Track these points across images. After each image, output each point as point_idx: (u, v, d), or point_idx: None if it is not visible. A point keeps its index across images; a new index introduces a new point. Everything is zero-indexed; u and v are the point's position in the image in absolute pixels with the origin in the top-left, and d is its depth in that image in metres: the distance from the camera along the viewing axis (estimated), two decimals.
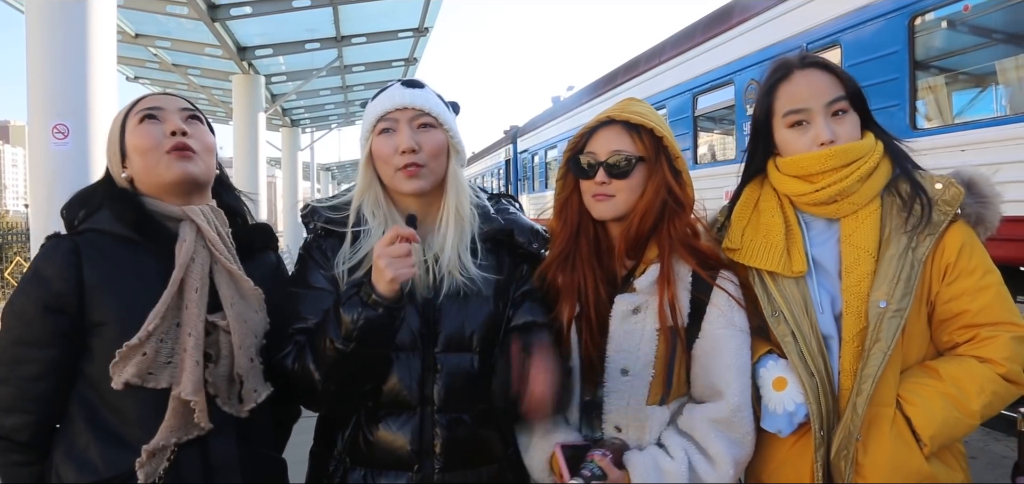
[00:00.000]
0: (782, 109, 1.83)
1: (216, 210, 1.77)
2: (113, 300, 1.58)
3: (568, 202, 1.87)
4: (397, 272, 1.53)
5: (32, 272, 1.62)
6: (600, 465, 1.63)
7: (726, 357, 1.72)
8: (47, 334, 1.58)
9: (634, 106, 1.81)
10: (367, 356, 1.62)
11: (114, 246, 1.63)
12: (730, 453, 1.69)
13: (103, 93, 5.57)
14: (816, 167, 1.76)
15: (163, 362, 1.57)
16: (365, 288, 1.58)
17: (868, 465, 1.67)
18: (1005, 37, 6.05)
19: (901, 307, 1.66)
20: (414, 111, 1.76)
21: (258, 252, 1.87)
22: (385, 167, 1.77)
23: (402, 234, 1.55)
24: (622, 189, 1.77)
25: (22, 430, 1.59)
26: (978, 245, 1.73)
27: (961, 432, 1.68)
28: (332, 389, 1.65)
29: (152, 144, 1.68)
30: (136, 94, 5.30)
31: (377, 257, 1.55)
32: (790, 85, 1.83)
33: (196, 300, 1.62)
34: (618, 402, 1.75)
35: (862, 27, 6.93)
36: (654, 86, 11.44)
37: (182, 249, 1.63)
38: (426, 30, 12.37)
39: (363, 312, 1.55)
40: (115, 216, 1.65)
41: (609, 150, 1.78)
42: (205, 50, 12.22)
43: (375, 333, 1.58)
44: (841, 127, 1.77)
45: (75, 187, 5.10)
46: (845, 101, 1.79)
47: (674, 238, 1.77)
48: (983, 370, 1.65)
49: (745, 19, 8.99)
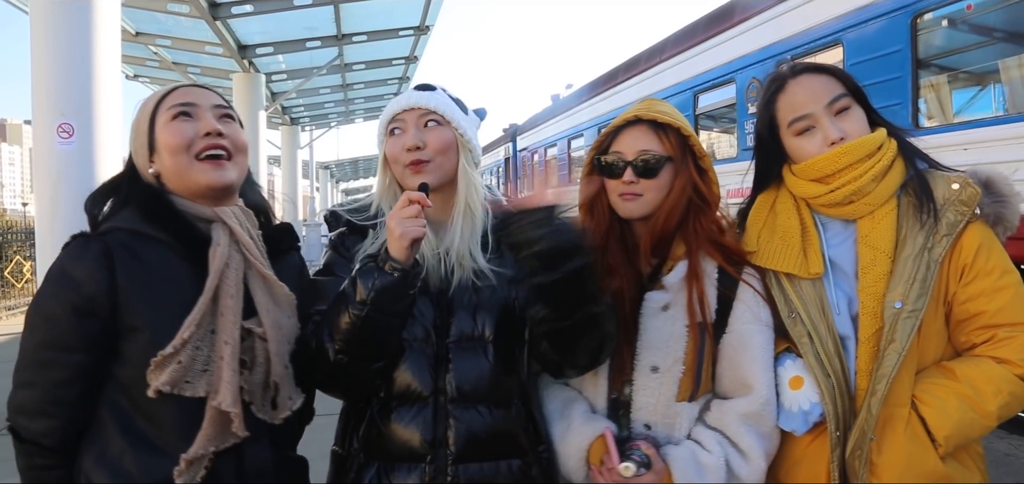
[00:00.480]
0: (785, 120, 1.85)
1: (246, 211, 1.73)
2: (148, 305, 1.54)
3: (596, 200, 1.88)
4: (406, 229, 1.56)
5: (58, 273, 1.56)
6: (646, 453, 1.66)
7: (754, 352, 1.74)
8: (77, 338, 1.53)
9: (658, 105, 1.83)
10: (381, 325, 1.63)
11: (145, 247, 1.58)
12: (761, 447, 1.71)
13: (107, 92, 5.58)
14: (829, 167, 1.77)
15: (199, 370, 1.53)
16: (380, 255, 1.61)
17: (883, 465, 1.68)
18: (1007, 36, 6.08)
19: (916, 308, 1.66)
20: (421, 111, 1.80)
21: (284, 253, 1.84)
22: (396, 167, 1.82)
23: (412, 198, 1.59)
24: (649, 188, 1.78)
25: (49, 435, 1.55)
26: (996, 245, 1.73)
27: (977, 433, 1.69)
28: (344, 360, 1.65)
29: (184, 143, 1.63)
30: (136, 94, 5.28)
31: (389, 221, 1.59)
32: (786, 95, 1.84)
33: (232, 307, 1.58)
34: (648, 399, 1.76)
35: (864, 26, 6.95)
36: (655, 84, 11.44)
37: (217, 254, 1.59)
38: (427, 28, 12.39)
39: (379, 276, 1.58)
40: (145, 216, 1.60)
41: (636, 150, 1.79)
42: (205, 48, 12.24)
43: (389, 297, 1.60)
44: (848, 123, 1.78)
45: (80, 186, 5.11)
46: (846, 97, 1.80)
47: (701, 235, 1.79)
48: (1000, 371, 1.65)
49: (746, 18, 9.00)
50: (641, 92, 11.80)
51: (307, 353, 1.70)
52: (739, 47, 9.15)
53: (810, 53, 7.72)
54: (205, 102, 1.69)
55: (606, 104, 13.31)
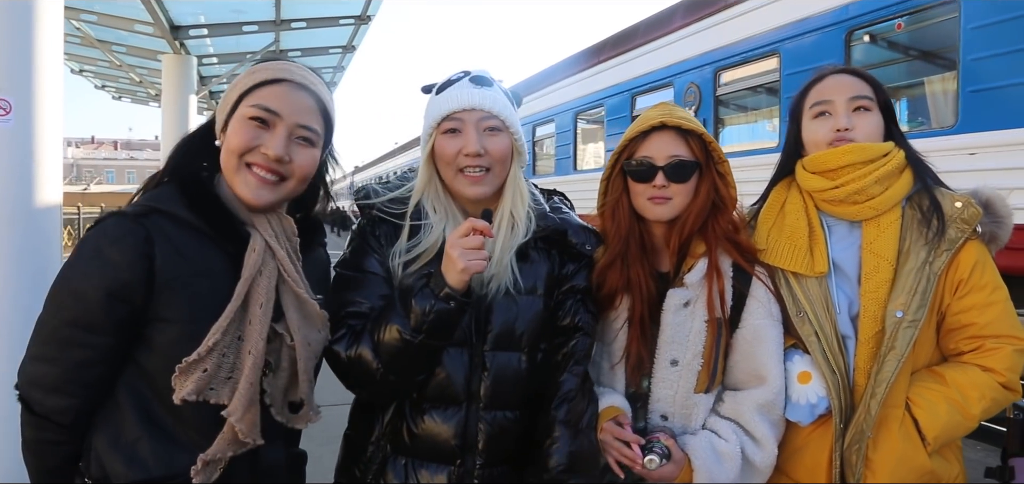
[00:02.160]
0: (809, 103, 1.99)
1: (285, 219, 1.66)
2: (184, 299, 1.51)
3: (619, 204, 1.94)
4: (468, 263, 1.57)
5: (93, 252, 1.50)
6: (666, 445, 1.75)
7: (768, 345, 1.86)
8: (107, 321, 1.49)
9: (679, 112, 1.91)
10: (431, 348, 1.65)
11: (183, 235, 1.54)
12: (773, 434, 1.84)
13: (48, 68, 5.33)
14: (834, 162, 1.90)
15: (224, 377, 1.52)
16: (435, 279, 1.60)
17: (878, 460, 1.83)
18: (928, 53, 6.49)
19: (916, 318, 1.81)
20: (482, 113, 1.76)
21: (311, 248, 1.78)
22: (447, 168, 1.78)
23: (477, 227, 1.59)
24: (679, 192, 1.86)
25: (65, 413, 1.51)
26: (990, 263, 1.89)
27: (961, 433, 1.87)
28: (391, 379, 1.67)
29: (243, 149, 1.58)
30: None
31: (449, 248, 1.58)
32: (821, 85, 2.00)
33: (260, 316, 1.55)
34: (666, 391, 1.86)
35: (801, 38, 7.27)
36: (593, 84, 11.49)
37: (251, 260, 1.56)
38: (368, 18, 12.21)
39: (435, 304, 1.58)
40: (188, 203, 1.56)
41: (667, 155, 1.86)
42: (135, 26, 11.77)
43: (444, 325, 1.62)
44: (860, 121, 1.92)
45: (16, 165, 4.82)
46: (869, 100, 1.93)
47: (719, 234, 1.89)
48: (985, 378, 1.82)
49: (686, 24, 9.24)
50: (578, 92, 11.94)
51: (334, 359, 1.71)
52: (679, 52, 9.34)
53: (748, 61, 8.03)
54: (290, 117, 1.60)
55: (543, 102, 13.28)
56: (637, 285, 1.87)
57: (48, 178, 4.44)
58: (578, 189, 10.96)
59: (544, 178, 12.73)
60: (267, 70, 1.62)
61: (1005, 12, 5.35)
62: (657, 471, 1.73)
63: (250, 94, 1.61)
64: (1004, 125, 5.36)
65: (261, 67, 1.64)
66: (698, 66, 8.89)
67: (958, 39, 5.68)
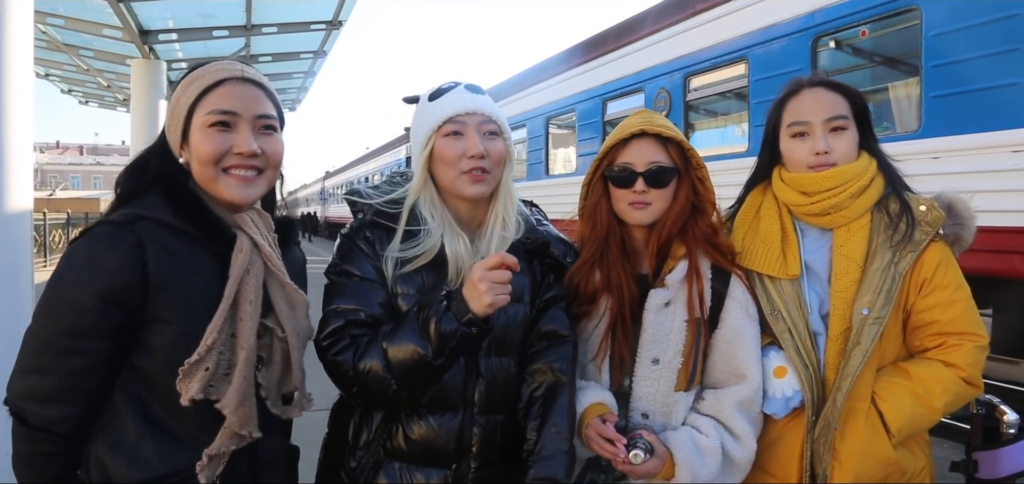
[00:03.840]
0: (787, 120, 2.05)
1: (263, 215, 1.72)
2: (179, 300, 1.54)
3: (597, 208, 2.00)
4: (496, 298, 1.60)
5: (85, 260, 1.51)
6: (649, 440, 1.80)
7: (747, 344, 1.93)
8: (103, 326, 1.50)
9: (658, 120, 1.97)
10: (447, 368, 1.69)
11: (173, 240, 1.56)
12: (752, 429, 1.91)
13: (17, 74, 5.24)
14: (813, 187, 1.98)
15: (222, 374, 1.56)
16: (457, 304, 1.62)
17: (844, 451, 1.91)
18: (891, 59, 6.65)
19: (881, 316, 1.89)
20: (482, 117, 1.82)
21: (288, 246, 1.83)
22: (448, 169, 1.81)
23: (506, 262, 1.62)
24: (658, 197, 1.92)
25: (64, 422, 1.51)
26: (953, 263, 1.98)
27: (925, 425, 1.96)
28: (404, 395, 1.70)
29: (216, 156, 1.60)
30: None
31: (478, 280, 1.60)
32: (797, 100, 2.05)
33: (250, 313, 1.59)
34: (647, 390, 1.92)
35: (769, 44, 7.40)
36: (563, 90, 11.57)
37: (239, 259, 1.59)
38: (340, 23, 12.18)
39: (459, 329, 1.61)
40: (175, 210, 1.58)
41: (646, 162, 1.92)
42: (103, 31, 11.61)
43: (464, 349, 1.67)
44: (838, 142, 1.99)
45: None
46: (845, 119, 2.00)
47: (699, 237, 1.95)
48: (948, 373, 1.91)
49: (656, 30, 9.34)
50: (549, 97, 11.99)
51: (337, 370, 1.72)
52: (649, 58, 9.43)
53: (718, 67, 8.15)
54: (248, 111, 1.63)
55: (515, 107, 13.31)
56: (617, 286, 1.93)
57: (18, 184, 4.37)
58: (550, 194, 11.03)
59: (517, 183, 12.57)
60: (207, 76, 1.63)
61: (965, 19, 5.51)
62: (640, 466, 1.77)
63: (200, 103, 1.62)
64: (967, 130, 5.51)
65: (198, 74, 1.65)
66: (668, 72, 9.00)
67: (920, 46, 5.82)
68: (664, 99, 9.03)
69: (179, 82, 1.69)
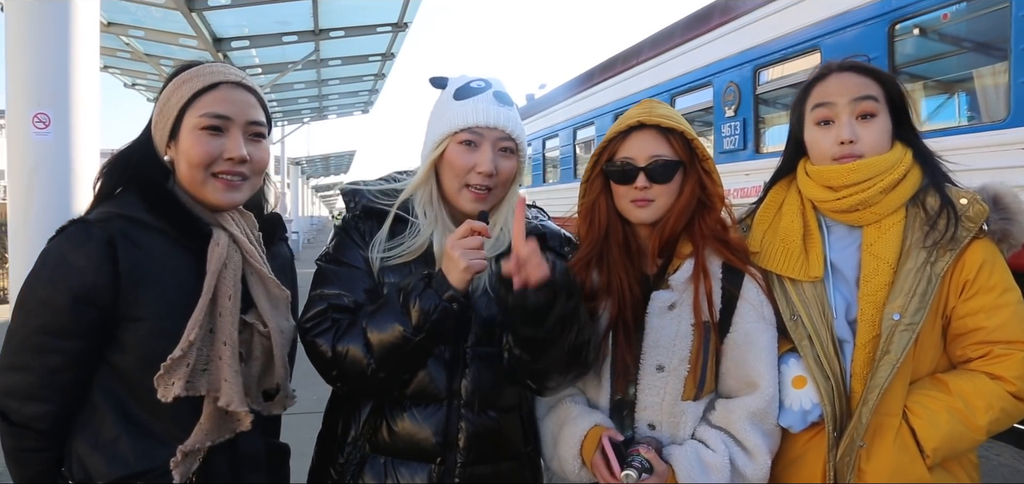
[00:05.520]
0: (811, 104, 1.86)
1: (245, 213, 1.73)
2: (151, 296, 1.54)
3: (595, 205, 1.88)
4: (470, 261, 1.57)
5: (57, 259, 1.53)
6: (646, 458, 1.65)
7: (760, 350, 1.75)
8: (76, 325, 1.51)
9: (660, 109, 1.82)
10: (428, 347, 1.65)
11: (147, 236, 1.56)
12: (766, 444, 1.73)
13: (85, 82, 5.44)
14: (838, 181, 1.79)
15: (200, 370, 1.55)
16: (438, 281, 1.60)
17: (870, 471, 1.70)
18: (978, 45, 6.22)
19: (914, 321, 1.68)
20: (501, 133, 1.77)
21: (273, 243, 1.84)
22: (454, 178, 1.77)
23: (475, 228, 1.59)
24: (661, 193, 1.78)
25: (43, 419, 1.55)
26: (1000, 262, 1.75)
27: (966, 446, 1.71)
28: (381, 376, 1.65)
29: (208, 160, 1.60)
30: (106, 86, 5.12)
31: (450, 249, 1.59)
32: (824, 84, 1.86)
33: (230, 307, 1.59)
34: (653, 399, 1.77)
35: (843, 32, 7.05)
36: (631, 86, 11.48)
37: (214, 255, 1.59)
38: (405, 25, 12.27)
39: (440, 304, 1.58)
40: (148, 205, 1.58)
41: (648, 155, 1.78)
42: (179, 40, 12.01)
43: (445, 325, 1.61)
44: (865, 130, 1.79)
45: (56, 178, 4.94)
46: (873, 102, 1.80)
47: (707, 233, 1.80)
48: (994, 387, 1.67)
49: (725, 22, 9.07)
50: (616, 94, 11.87)
51: (317, 353, 1.70)
52: (717, 51, 9.22)
53: (788, 58, 7.83)
54: (241, 117, 1.63)
55: (581, 106, 13.34)
56: (618, 289, 1.79)
57: (87, 189, 4.52)
58: None
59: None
60: (202, 77, 1.62)
61: None
62: None
63: (193, 104, 1.61)
64: None
65: (192, 75, 1.63)
66: (737, 65, 8.74)
67: (1009, 28, 5.42)
68: (733, 93, 8.76)
69: (169, 79, 1.67)
